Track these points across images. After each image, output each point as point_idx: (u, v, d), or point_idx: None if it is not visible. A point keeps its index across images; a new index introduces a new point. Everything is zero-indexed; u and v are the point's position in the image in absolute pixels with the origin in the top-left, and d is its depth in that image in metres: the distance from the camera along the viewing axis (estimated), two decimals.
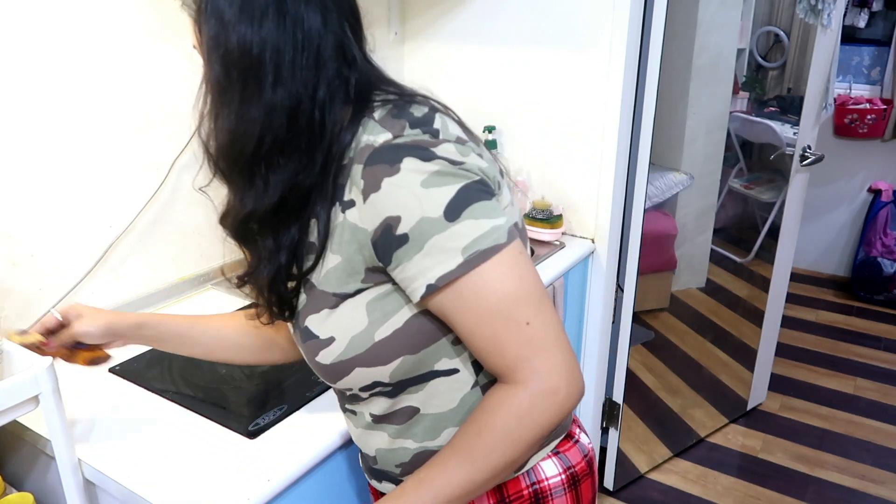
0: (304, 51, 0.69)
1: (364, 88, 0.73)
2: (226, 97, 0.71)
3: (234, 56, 0.69)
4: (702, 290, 2.45)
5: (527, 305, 0.67)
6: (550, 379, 0.67)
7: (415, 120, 0.70)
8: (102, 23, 1.26)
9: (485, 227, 0.66)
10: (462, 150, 0.68)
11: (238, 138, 0.71)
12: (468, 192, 0.66)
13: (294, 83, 0.69)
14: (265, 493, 0.92)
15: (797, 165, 2.20)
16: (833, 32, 2.07)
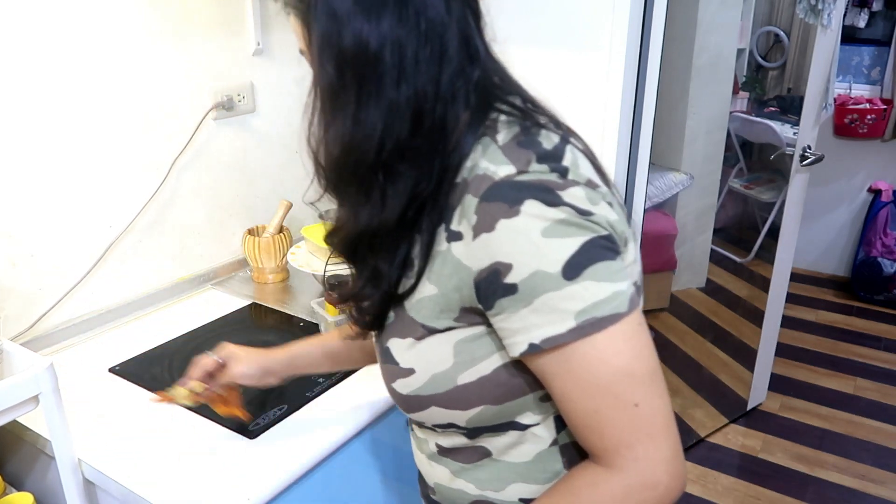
0: (428, 43, 0.62)
1: (486, 89, 0.67)
2: (340, 101, 0.64)
3: (349, 55, 0.62)
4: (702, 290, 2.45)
5: (639, 385, 0.60)
6: (652, 471, 0.60)
7: (543, 153, 0.62)
8: (102, 23, 1.26)
9: (605, 292, 0.58)
10: (592, 196, 0.61)
11: (355, 146, 0.64)
12: (593, 248, 0.58)
13: (418, 79, 0.62)
14: (265, 493, 0.92)
15: (797, 165, 2.20)
16: (833, 32, 2.07)
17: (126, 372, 1.20)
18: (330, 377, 1.16)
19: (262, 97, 1.59)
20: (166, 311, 1.44)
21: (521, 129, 0.65)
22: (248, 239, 1.52)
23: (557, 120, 0.69)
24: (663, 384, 0.62)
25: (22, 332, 1.24)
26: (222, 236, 1.58)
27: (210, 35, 1.45)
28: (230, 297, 1.49)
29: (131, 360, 1.24)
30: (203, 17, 1.43)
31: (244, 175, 1.60)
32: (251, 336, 1.32)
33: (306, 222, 1.72)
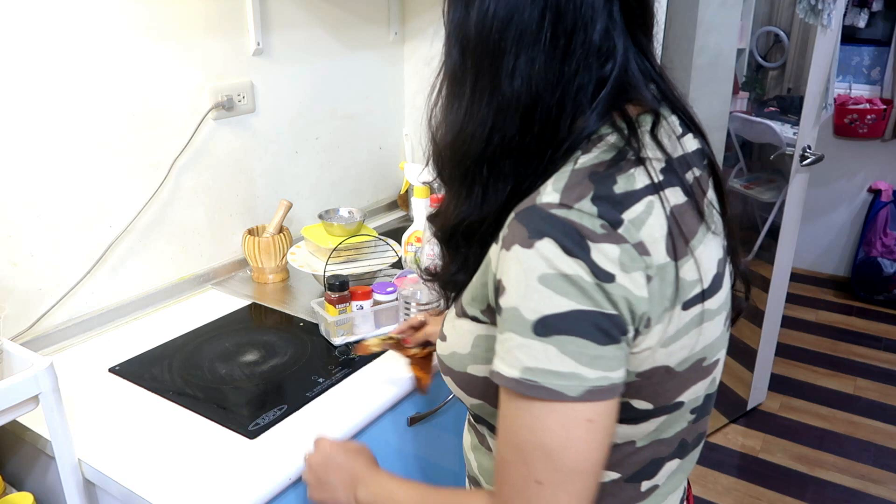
0: (555, 36, 0.58)
1: (616, 96, 0.61)
2: (459, 89, 0.63)
3: (472, 40, 0.60)
4: None
5: (553, 471, 0.56)
6: None
7: (606, 194, 0.56)
8: (102, 23, 1.26)
9: (564, 368, 0.55)
10: (627, 263, 0.55)
11: (466, 137, 0.62)
12: (581, 321, 0.54)
13: (535, 76, 0.58)
14: (265, 493, 0.92)
15: (797, 165, 2.20)
16: (833, 32, 2.07)
17: (126, 372, 1.20)
18: (329, 377, 1.17)
19: (262, 97, 1.59)
20: (166, 311, 1.44)
21: (612, 158, 0.59)
22: (248, 239, 1.52)
23: (669, 168, 0.61)
24: (585, 493, 0.58)
25: (22, 332, 1.24)
26: (222, 236, 1.58)
27: (210, 35, 1.45)
28: (230, 297, 1.49)
29: (131, 360, 1.24)
30: (203, 17, 1.43)
31: (244, 175, 1.60)
32: (251, 336, 1.32)
33: (306, 222, 1.72)
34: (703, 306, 0.62)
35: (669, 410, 0.65)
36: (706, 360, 0.65)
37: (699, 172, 0.66)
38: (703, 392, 0.68)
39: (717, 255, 0.65)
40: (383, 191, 2.04)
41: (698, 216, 0.62)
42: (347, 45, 1.79)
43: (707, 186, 0.67)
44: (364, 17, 1.83)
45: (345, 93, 1.82)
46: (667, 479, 0.72)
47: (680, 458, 0.72)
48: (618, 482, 0.69)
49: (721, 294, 0.65)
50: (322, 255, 1.48)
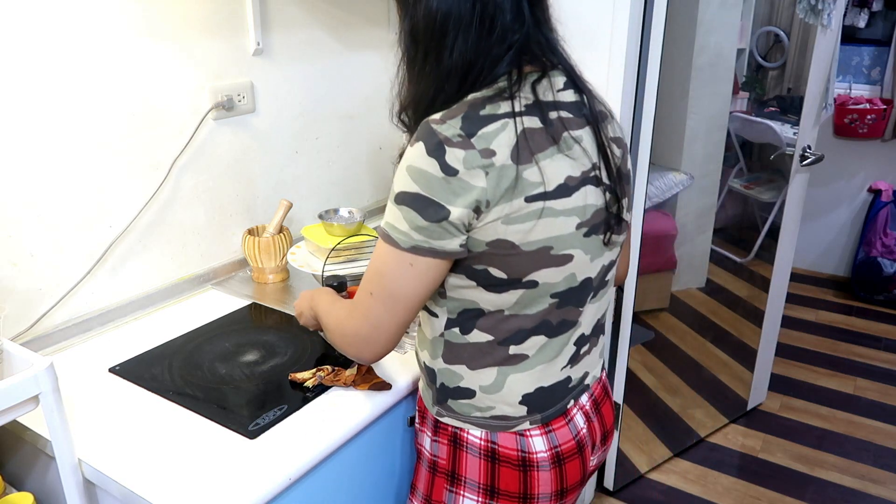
0: (482, 20, 0.82)
1: (521, 54, 0.85)
2: (413, 66, 0.87)
3: (421, 31, 0.84)
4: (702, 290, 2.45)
5: (379, 289, 0.86)
6: (350, 330, 0.92)
7: (472, 116, 0.81)
8: (102, 22, 1.26)
9: (402, 227, 0.82)
10: (470, 162, 0.79)
11: (419, 100, 0.87)
12: (418, 200, 0.81)
13: (469, 50, 0.83)
14: (265, 493, 0.92)
15: (797, 165, 2.20)
16: (833, 32, 2.07)
17: (126, 372, 1.20)
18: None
19: (262, 97, 1.59)
20: (166, 311, 1.44)
21: (491, 95, 0.83)
22: (248, 239, 1.52)
23: (529, 103, 0.84)
24: (398, 313, 0.86)
25: (22, 332, 1.24)
26: (222, 236, 1.58)
27: (210, 35, 1.45)
28: (230, 297, 1.49)
29: (131, 360, 1.24)
30: (203, 18, 1.43)
31: (244, 175, 1.60)
32: (251, 336, 1.32)
33: (306, 222, 1.72)
34: (545, 203, 0.83)
35: (526, 286, 0.87)
36: (554, 250, 0.86)
37: (567, 115, 0.88)
38: (561, 280, 0.88)
39: (569, 173, 0.85)
40: (383, 191, 2.04)
41: (551, 140, 0.84)
42: (347, 45, 1.79)
43: (575, 127, 0.88)
44: (364, 17, 1.83)
45: (345, 93, 1.82)
46: (537, 352, 0.92)
47: (547, 336, 0.92)
48: (492, 343, 0.91)
49: (568, 201, 0.85)
50: (322, 254, 1.48)
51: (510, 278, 0.86)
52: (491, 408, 0.94)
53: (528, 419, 0.94)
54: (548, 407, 0.96)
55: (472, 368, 0.93)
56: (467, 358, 0.93)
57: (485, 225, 0.82)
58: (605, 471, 2.14)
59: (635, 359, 2.15)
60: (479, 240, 0.83)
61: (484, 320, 0.90)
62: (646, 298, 2.22)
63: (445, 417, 0.97)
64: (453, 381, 0.95)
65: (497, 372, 0.92)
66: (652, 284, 2.25)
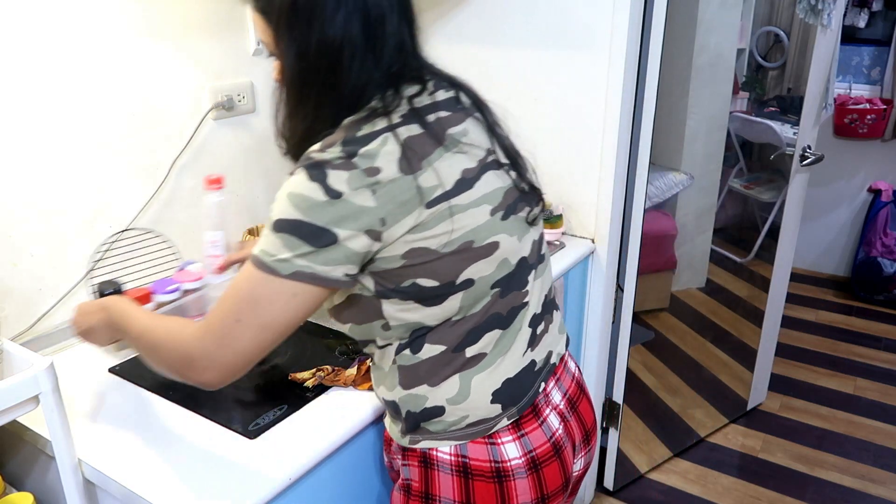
0: (373, 49, 0.82)
1: (399, 79, 0.85)
2: (303, 91, 0.86)
3: (313, 57, 0.83)
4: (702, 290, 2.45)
5: (251, 317, 0.80)
6: (196, 355, 0.83)
7: (351, 138, 0.79)
8: (102, 22, 1.26)
9: (282, 255, 0.78)
10: (354, 181, 0.77)
11: (307, 123, 0.86)
12: (299, 227, 0.77)
13: (365, 75, 0.82)
14: (265, 493, 0.92)
15: (797, 165, 2.20)
16: (833, 32, 2.07)
17: (126, 372, 1.20)
18: None
19: (262, 97, 1.59)
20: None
21: (366, 115, 0.82)
22: (249, 239, 1.51)
23: (407, 115, 0.83)
24: (266, 342, 0.81)
25: (22, 332, 1.24)
26: None
27: (210, 35, 1.45)
28: None
29: (131, 360, 1.24)
30: (203, 18, 1.43)
31: (244, 175, 1.60)
32: None
33: None
34: (449, 202, 0.82)
35: (462, 287, 0.85)
36: (476, 243, 0.84)
37: (445, 114, 0.88)
38: (495, 269, 0.87)
39: (464, 166, 0.85)
40: None
41: (436, 142, 0.83)
42: None
43: (457, 122, 0.88)
44: None
45: None
46: (494, 346, 0.90)
47: (501, 329, 0.90)
48: (446, 353, 0.88)
49: (472, 193, 0.85)
50: None
51: (442, 284, 0.84)
52: (464, 417, 0.90)
53: (505, 415, 0.91)
54: (520, 397, 0.93)
55: (432, 385, 0.89)
56: (425, 376, 0.89)
57: (392, 243, 0.80)
58: (605, 471, 2.14)
59: (635, 359, 2.15)
60: (392, 256, 0.81)
61: (432, 334, 0.87)
62: (646, 298, 2.22)
63: (420, 443, 0.92)
64: (418, 404, 0.90)
65: (459, 379, 0.89)
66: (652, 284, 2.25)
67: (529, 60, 1.75)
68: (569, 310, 1.81)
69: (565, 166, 1.79)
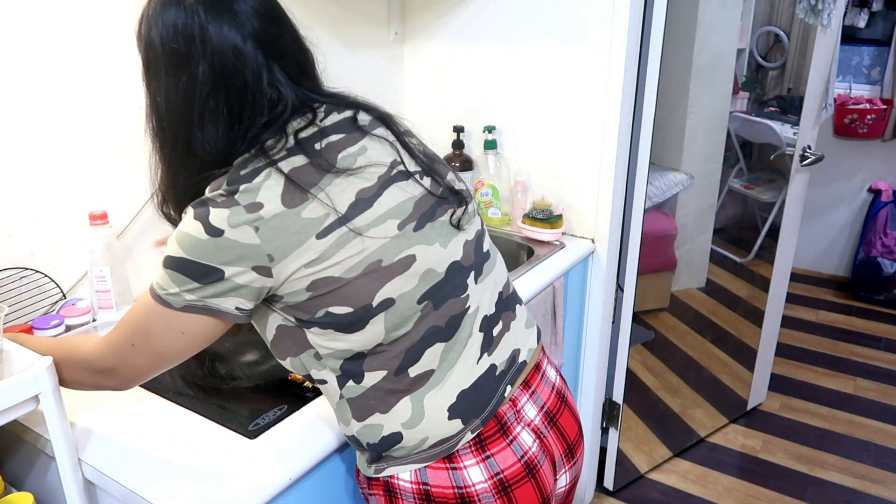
0: (230, 105, 0.82)
1: (276, 122, 0.83)
2: (162, 149, 0.90)
3: (164, 116, 0.85)
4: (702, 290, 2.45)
5: (145, 343, 0.83)
6: (106, 372, 0.88)
7: (235, 178, 0.80)
8: (103, 22, 1.26)
9: (173, 288, 0.80)
10: (234, 218, 0.77)
11: (174, 185, 0.88)
12: (185, 266, 0.78)
13: (221, 137, 0.82)
14: (265, 493, 0.92)
15: (797, 165, 2.20)
16: (833, 32, 2.07)
17: None
18: None
19: None
20: None
21: (253, 153, 0.82)
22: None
23: (309, 138, 0.83)
24: (158, 367, 0.86)
25: None
26: None
27: None
28: None
29: None
30: None
31: None
32: (251, 336, 1.32)
33: None
34: (345, 228, 0.80)
35: (381, 308, 0.82)
36: (385, 261, 0.82)
37: (337, 137, 0.86)
38: (417, 283, 0.84)
39: (357, 188, 0.83)
40: None
41: (322, 170, 0.81)
42: (347, 45, 1.79)
43: (351, 143, 0.86)
44: (364, 16, 1.83)
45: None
46: (440, 361, 0.86)
47: (443, 341, 0.87)
48: (389, 377, 0.85)
49: (372, 212, 0.82)
50: None
51: (357, 309, 0.81)
52: (424, 440, 0.86)
53: (468, 429, 0.87)
54: (482, 406, 0.88)
55: (384, 412, 0.86)
56: (374, 404, 0.86)
57: (289, 279, 0.79)
58: (605, 471, 2.14)
59: (635, 359, 2.15)
60: (295, 290, 0.80)
61: (369, 360, 0.84)
62: (646, 298, 2.22)
63: (385, 471, 0.89)
64: (375, 434, 0.87)
65: (410, 401, 0.85)
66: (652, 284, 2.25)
67: (529, 60, 1.75)
68: (569, 310, 1.81)
69: (565, 166, 1.79)
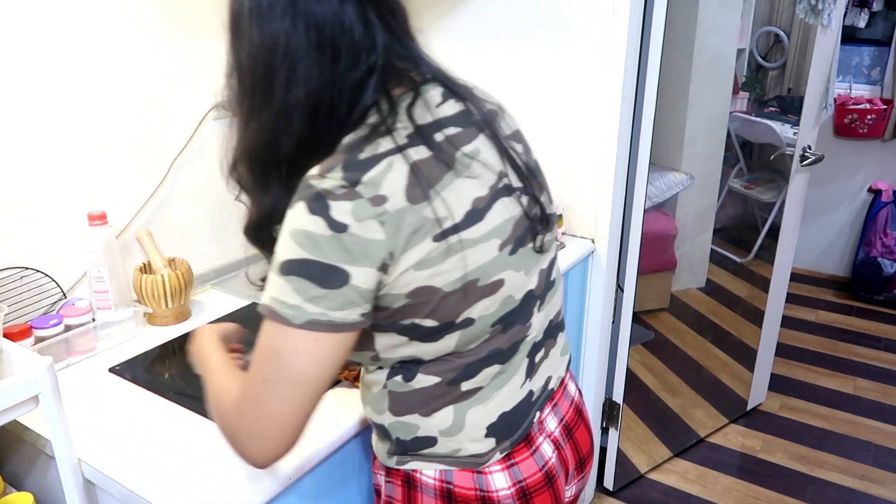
0: (319, 47, 0.71)
1: (384, 78, 0.75)
2: (241, 111, 0.77)
3: (245, 70, 0.74)
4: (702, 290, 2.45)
5: (276, 374, 0.71)
6: (241, 430, 0.74)
7: (353, 162, 0.71)
8: (102, 22, 1.26)
9: (292, 301, 0.70)
10: (359, 212, 0.69)
11: (251, 149, 0.77)
12: (307, 267, 0.69)
13: (314, 81, 0.72)
14: (265, 493, 0.92)
15: (797, 165, 2.20)
16: (833, 32, 2.07)
17: (126, 372, 1.20)
18: None
19: None
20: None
21: (366, 134, 0.73)
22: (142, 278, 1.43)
23: (412, 133, 0.75)
24: (301, 398, 0.72)
25: None
26: (222, 236, 1.58)
27: (210, 35, 1.45)
28: (230, 297, 1.49)
29: (131, 360, 1.24)
30: (203, 17, 1.43)
31: None
32: (251, 336, 1.32)
33: None
34: (458, 236, 0.75)
35: (461, 327, 0.78)
36: (481, 281, 0.78)
37: (456, 131, 0.79)
38: (497, 307, 0.81)
39: (475, 195, 0.77)
40: None
41: (445, 166, 0.75)
42: None
43: (467, 141, 0.80)
44: None
45: None
46: (490, 381, 0.85)
47: (500, 364, 0.85)
48: (440, 385, 0.83)
49: (482, 226, 0.77)
50: None
51: (442, 324, 0.78)
52: (457, 450, 0.85)
53: (498, 449, 0.87)
54: (515, 430, 0.88)
55: (424, 415, 0.84)
56: (417, 405, 0.84)
57: (398, 277, 0.73)
58: (605, 471, 2.14)
59: (635, 359, 2.15)
60: (396, 294, 0.74)
61: (427, 366, 0.82)
62: (646, 298, 2.22)
63: (407, 464, 0.88)
64: (409, 432, 0.85)
65: (454, 411, 0.84)
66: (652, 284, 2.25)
67: (529, 61, 1.75)
68: (569, 310, 1.81)
69: (565, 166, 1.79)
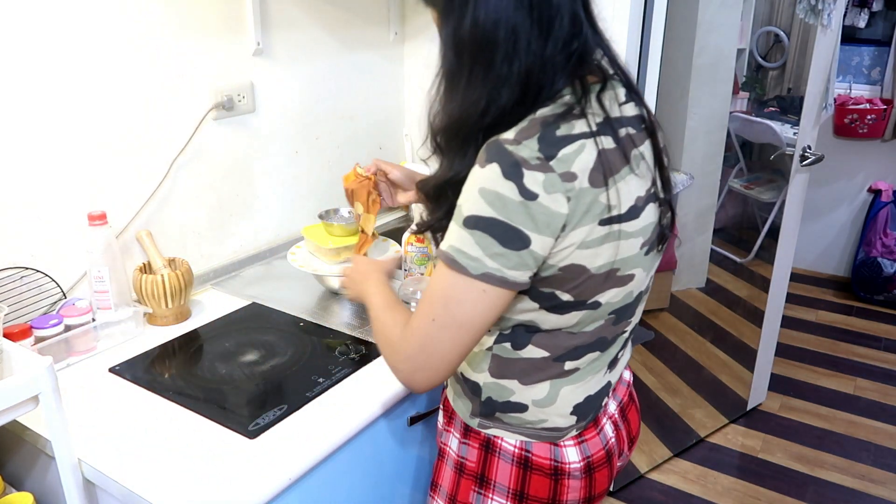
0: (538, 24, 0.76)
1: (581, 62, 0.80)
2: (456, 81, 0.80)
3: (468, 42, 0.77)
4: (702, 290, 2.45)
5: (444, 315, 0.79)
6: (400, 357, 0.85)
7: (548, 136, 0.75)
8: (102, 22, 1.26)
9: (472, 252, 0.76)
10: (550, 185, 0.74)
11: (462, 116, 0.80)
12: (494, 226, 0.75)
13: (528, 57, 0.76)
14: (265, 493, 0.92)
15: (797, 165, 2.20)
16: (833, 32, 2.07)
17: (126, 372, 1.20)
18: (329, 377, 1.17)
19: (262, 97, 1.59)
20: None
21: (562, 112, 0.77)
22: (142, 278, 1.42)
23: (602, 120, 0.79)
24: (462, 340, 0.80)
25: None
26: (222, 236, 1.58)
27: (210, 35, 1.45)
28: (230, 297, 1.49)
29: (131, 360, 1.24)
30: (203, 17, 1.43)
31: (244, 175, 1.60)
32: (251, 336, 1.32)
33: (306, 222, 1.72)
34: (619, 226, 0.80)
35: (589, 307, 0.84)
36: (620, 271, 0.84)
37: (633, 131, 0.85)
38: (621, 298, 0.87)
39: (638, 193, 0.83)
40: None
41: (624, 159, 0.81)
42: (347, 45, 1.79)
43: (640, 143, 0.85)
44: (364, 16, 1.83)
45: (345, 93, 1.82)
46: (588, 365, 0.91)
47: (601, 351, 0.91)
48: (547, 359, 0.89)
49: (637, 223, 0.83)
50: (322, 254, 1.48)
51: (576, 301, 0.83)
52: (543, 420, 0.92)
53: (576, 426, 0.94)
54: (591, 412, 0.95)
55: (524, 384, 0.90)
56: (519, 373, 0.90)
57: (561, 250, 0.78)
58: None
59: (635, 359, 2.15)
60: (552, 264, 0.79)
61: (540, 337, 0.88)
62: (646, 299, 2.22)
63: (490, 429, 0.94)
64: (503, 395, 0.92)
65: (550, 386, 0.90)
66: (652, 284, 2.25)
67: None
68: None
69: None
